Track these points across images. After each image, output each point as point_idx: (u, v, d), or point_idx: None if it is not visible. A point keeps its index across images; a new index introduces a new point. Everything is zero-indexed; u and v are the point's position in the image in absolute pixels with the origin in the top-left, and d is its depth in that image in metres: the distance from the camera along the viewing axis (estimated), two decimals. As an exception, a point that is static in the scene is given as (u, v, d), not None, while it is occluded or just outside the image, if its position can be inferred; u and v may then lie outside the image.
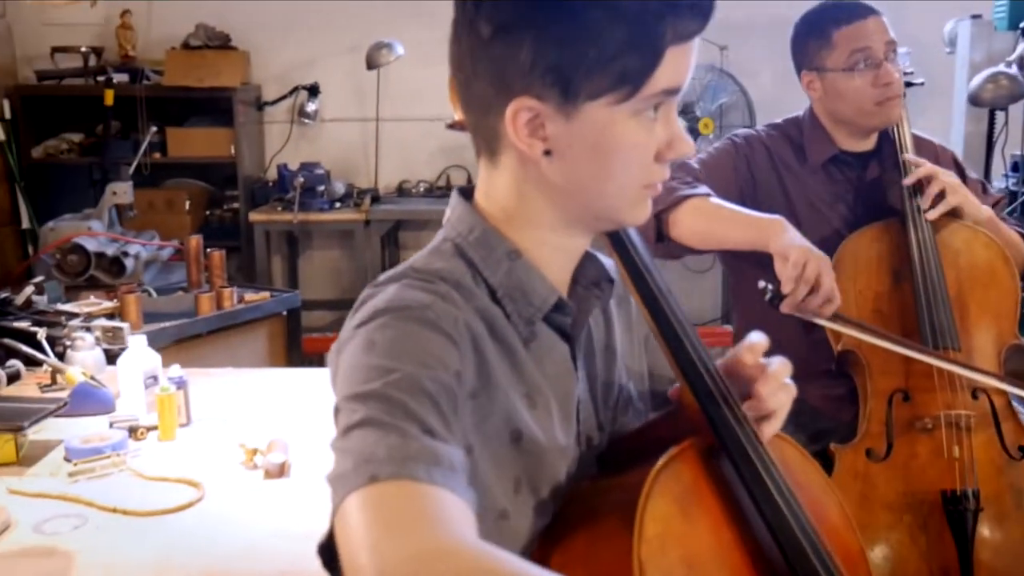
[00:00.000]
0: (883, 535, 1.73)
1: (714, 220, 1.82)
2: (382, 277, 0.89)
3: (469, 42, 0.87)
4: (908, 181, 1.88)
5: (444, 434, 0.76)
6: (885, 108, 1.90)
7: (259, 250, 4.12)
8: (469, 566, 0.65)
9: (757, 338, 0.96)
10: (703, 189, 1.85)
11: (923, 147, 2.03)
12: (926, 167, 1.88)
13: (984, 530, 1.70)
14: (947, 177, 1.88)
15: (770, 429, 0.95)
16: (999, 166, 3.53)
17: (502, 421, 0.87)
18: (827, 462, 1.80)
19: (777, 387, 0.94)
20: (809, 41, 1.95)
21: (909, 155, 1.93)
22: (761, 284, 1.66)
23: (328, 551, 0.77)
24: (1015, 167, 3.42)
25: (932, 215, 1.86)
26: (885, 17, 1.91)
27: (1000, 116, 3.41)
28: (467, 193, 0.97)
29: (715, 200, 1.84)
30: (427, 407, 0.76)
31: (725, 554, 0.87)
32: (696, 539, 0.86)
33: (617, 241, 0.97)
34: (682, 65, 0.87)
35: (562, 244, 0.95)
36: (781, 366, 0.95)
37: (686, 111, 4.01)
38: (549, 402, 0.92)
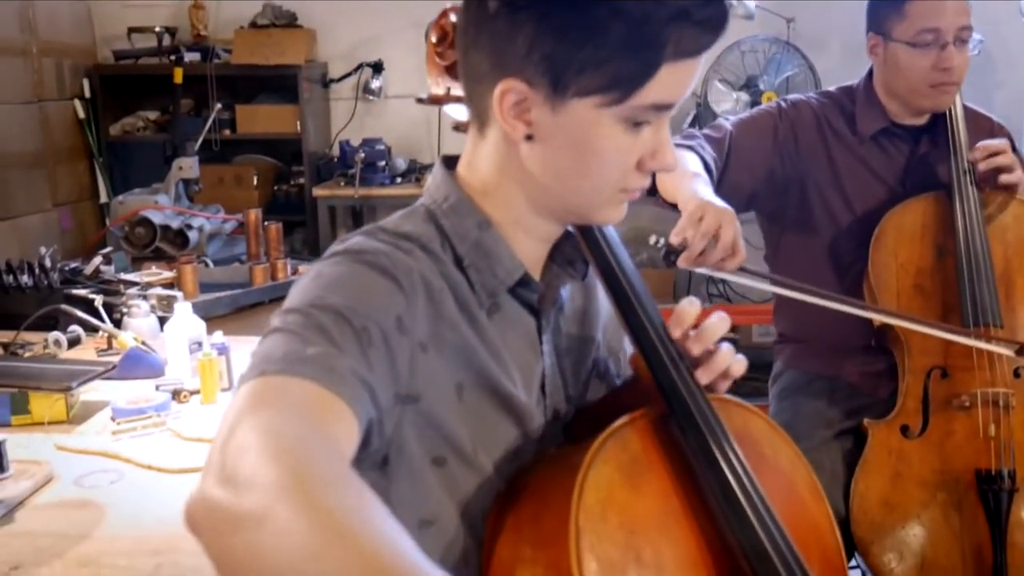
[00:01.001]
0: (916, 512, 1.70)
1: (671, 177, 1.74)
2: (352, 232, 0.92)
3: (476, 12, 0.88)
4: (975, 156, 1.80)
5: (352, 355, 0.77)
6: (938, 92, 1.84)
7: (323, 225, 4.20)
8: (292, 447, 0.66)
9: (684, 306, 0.95)
10: (696, 142, 1.83)
11: (977, 121, 1.97)
12: (998, 144, 1.82)
13: (1020, 511, 1.65)
14: (1010, 157, 1.82)
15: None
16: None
17: (452, 375, 0.88)
18: (860, 438, 1.78)
19: (709, 343, 0.94)
20: (883, 3, 1.89)
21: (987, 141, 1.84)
22: (652, 239, 1.60)
23: None
24: (1093, 142, 3.26)
25: (990, 184, 1.79)
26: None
27: (1078, 88, 3.26)
28: (451, 162, 0.98)
29: (691, 154, 1.79)
30: (345, 332, 0.78)
31: (671, 522, 0.86)
32: (640, 507, 0.85)
33: None
34: (678, 83, 0.85)
35: (533, 229, 0.95)
36: (716, 323, 0.94)
37: (749, 84, 3.94)
38: (510, 369, 0.93)
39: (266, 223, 2.96)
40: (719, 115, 3.92)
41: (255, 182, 4.29)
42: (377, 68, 4.37)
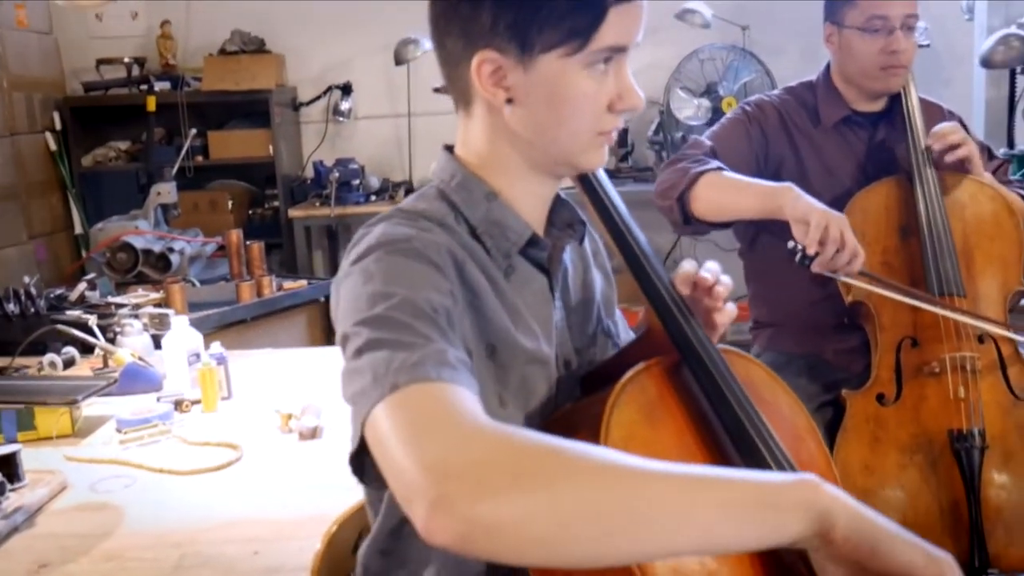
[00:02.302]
0: (895, 475, 1.78)
1: (728, 192, 1.89)
2: (373, 219, 1.00)
3: (442, 4, 0.99)
4: (933, 143, 1.90)
5: (445, 342, 0.85)
6: (887, 74, 1.97)
7: (300, 245, 4.26)
8: (500, 438, 0.75)
9: (686, 267, 1.06)
10: (714, 164, 1.93)
11: (930, 110, 2.08)
12: (948, 127, 1.93)
13: (991, 467, 1.75)
14: (961, 134, 1.92)
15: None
16: (1022, 131, 3.54)
17: (483, 337, 0.97)
18: (840, 409, 1.87)
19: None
20: None
21: (938, 126, 1.94)
22: (791, 244, 1.73)
23: (356, 461, 0.86)
24: (1038, 130, 3.42)
25: (948, 158, 1.89)
26: None
27: (1021, 81, 3.41)
28: (452, 148, 1.07)
29: (727, 173, 1.91)
30: (426, 323, 0.86)
31: (686, 456, 0.94)
32: (659, 443, 0.94)
33: (583, 178, 1.07)
34: (627, 24, 0.96)
35: (532, 188, 1.04)
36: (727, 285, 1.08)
37: (709, 91, 4.06)
38: (530, 324, 1.02)
39: (247, 243, 3.03)
40: (681, 121, 4.06)
41: (230, 207, 4.34)
42: (346, 90, 4.46)
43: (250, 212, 4.52)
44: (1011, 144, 3.57)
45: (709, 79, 4.12)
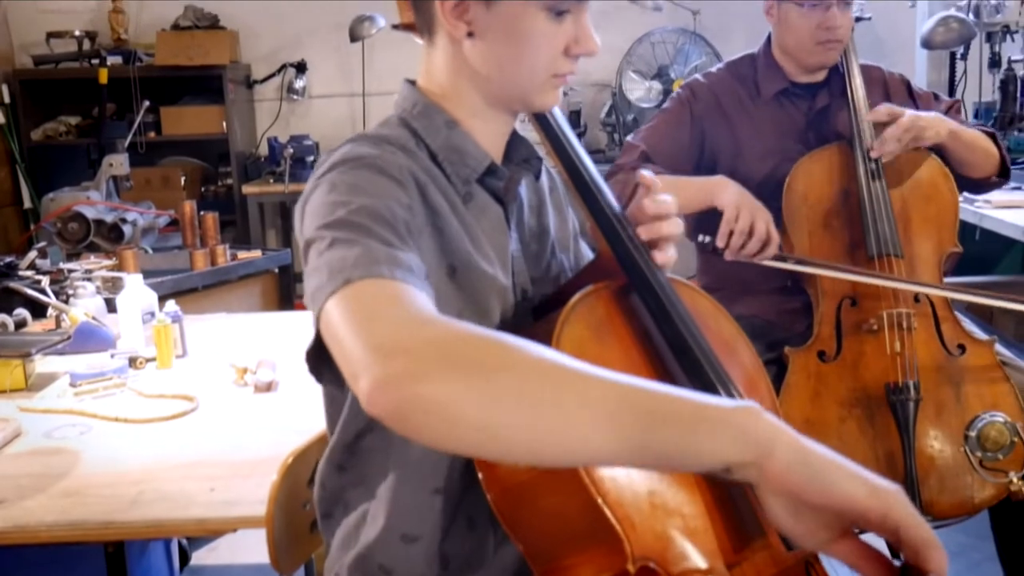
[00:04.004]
0: (835, 428, 1.86)
1: (670, 191, 1.95)
2: (340, 145, 1.03)
3: None
4: (875, 154, 1.94)
5: (402, 247, 0.89)
6: (823, 49, 2.04)
7: (253, 222, 4.25)
8: (447, 327, 0.79)
9: (649, 174, 1.11)
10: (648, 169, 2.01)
11: (871, 75, 2.16)
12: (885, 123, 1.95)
13: (925, 419, 1.82)
14: (903, 122, 1.92)
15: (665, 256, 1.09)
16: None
17: (444, 257, 1.00)
18: (782, 367, 1.93)
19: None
20: None
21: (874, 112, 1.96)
22: (699, 238, 1.88)
23: (313, 357, 0.90)
24: (976, 114, 3.54)
25: (886, 159, 1.96)
26: None
27: (960, 65, 3.52)
28: (413, 83, 1.11)
29: (663, 176, 1.96)
30: (385, 227, 0.89)
31: (632, 372, 0.99)
32: (607, 359, 0.97)
33: (538, 115, 1.11)
34: None
35: (489, 122, 1.08)
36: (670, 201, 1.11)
37: (660, 74, 4.14)
38: (487, 250, 1.06)
39: (201, 213, 3.02)
40: (632, 103, 4.12)
41: (183, 183, 4.32)
42: (300, 68, 4.45)
43: (203, 189, 4.50)
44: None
45: (660, 62, 4.19)
